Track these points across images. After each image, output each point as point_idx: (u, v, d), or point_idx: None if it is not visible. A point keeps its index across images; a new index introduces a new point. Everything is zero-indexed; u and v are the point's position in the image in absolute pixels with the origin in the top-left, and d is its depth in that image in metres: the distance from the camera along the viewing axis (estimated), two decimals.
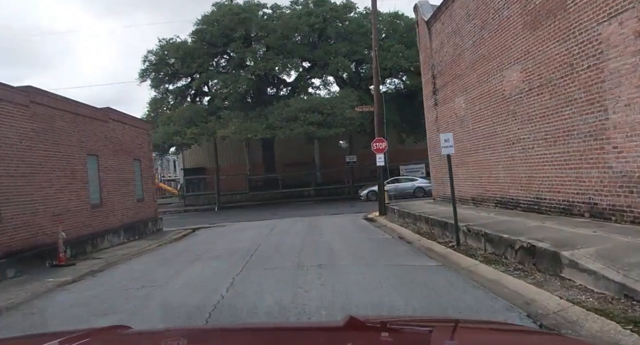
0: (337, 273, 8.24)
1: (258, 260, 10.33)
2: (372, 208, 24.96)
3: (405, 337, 1.98)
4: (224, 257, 11.08)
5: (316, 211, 26.07)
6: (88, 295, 8.43)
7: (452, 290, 6.58)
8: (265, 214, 27.29)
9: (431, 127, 19.00)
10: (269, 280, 8.07)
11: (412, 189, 30.92)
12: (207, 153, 43.99)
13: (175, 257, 12.45)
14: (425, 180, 31.52)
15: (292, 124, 28.26)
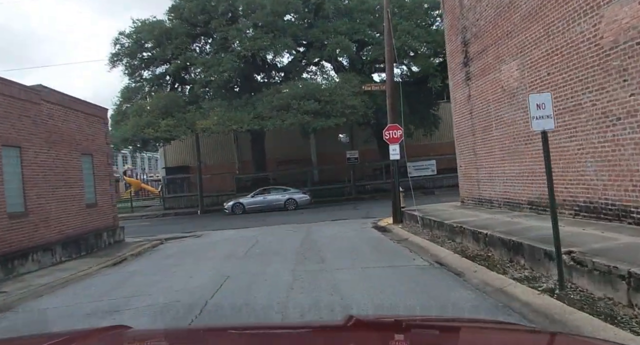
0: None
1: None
2: (380, 211, 20.85)
3: (405, 337, 1.97)
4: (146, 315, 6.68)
5: (313, 216, 21.92)
6: None
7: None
8: (253, 219, 23.12)
9: (460, 109, 14.85)
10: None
11: (282, 202, 27.25)
12: (192, 150, 39.71)
13: (98, 298, 8.27)
14: (299, 191, 28.21)
15: (284, 113, 24.06)
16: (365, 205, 25.49)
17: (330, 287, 7.22)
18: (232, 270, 9.40)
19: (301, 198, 27.43)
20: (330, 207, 26.09)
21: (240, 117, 24.01)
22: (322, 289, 7.18)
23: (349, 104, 24.28)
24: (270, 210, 26.37)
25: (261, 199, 27.13)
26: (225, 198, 32.48)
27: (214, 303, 6.75)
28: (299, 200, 27.23)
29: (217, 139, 39.35)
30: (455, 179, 32.25)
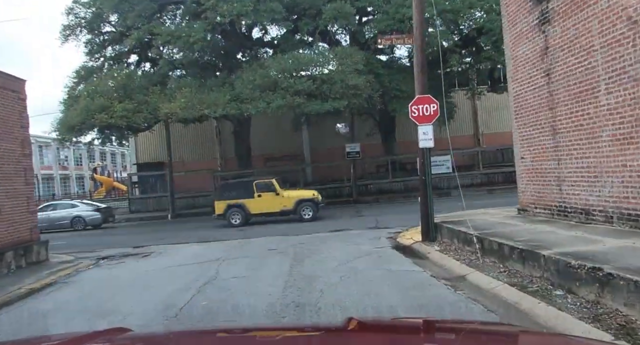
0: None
1: None
2: (392, 219, 16.05)
3: (405, 339, 1.97)
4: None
5: (305, 225, 17.04)
6: None
7: None
8: (229, 228, 18.21)
9: (526, 71, 9.93)
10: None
11: (69, 220, 22.90)
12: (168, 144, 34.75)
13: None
14: (88, 207, 24.04)
15: (270, 94, 19.12)
16: (370, 210, 20.60)
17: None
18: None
19: (91, 216, 23.10)
20: (328, 212, 21.20)
21: (213, 100, 19.07)
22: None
23: (350, 84, 19.38)
24: (55, 229, 21.63)
25: (45, 217, 21.07)
26: (203, 199, 27.52)
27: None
28: (87, 219, 22.92)
29: (197, 131, 34.45)
30: (473, 178, 27.47)
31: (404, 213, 18.08)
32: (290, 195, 18.71)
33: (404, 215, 17.34)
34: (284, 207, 18.22)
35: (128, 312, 6.64)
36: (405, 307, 5.90)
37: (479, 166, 26.62)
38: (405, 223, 15.15)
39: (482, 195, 23.23)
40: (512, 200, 19.31)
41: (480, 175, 26.06)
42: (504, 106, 36.10)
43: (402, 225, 14.68)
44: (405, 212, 18.29)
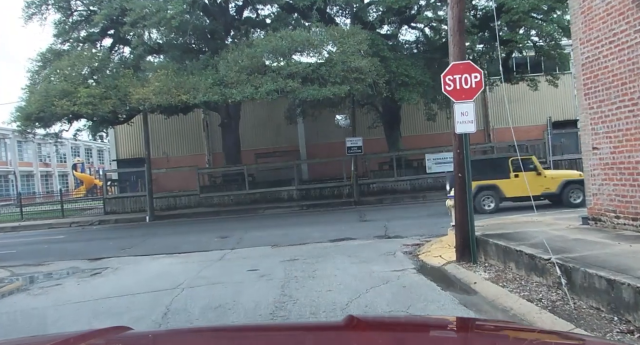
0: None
1: None
2: (404, 226, 13.36)
3: (405, 337, 1.97)
4: None
5: (301, 231, 14.25)
6: None
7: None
8: (212, 233, 15.41)
9: (609, 23, 7.10)
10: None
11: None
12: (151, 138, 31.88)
13: None
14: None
15: (259, 77, 16.30)
16: (374, 213, 17.82)
17: None
18: None
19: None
20: (325, 216, 18.44)
21: (193, 84, 16.23)
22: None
23: (352, 66, 16.58)
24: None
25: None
26: (186, 200, 24.72)
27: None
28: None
29: (182, 125, 31.65)
30: None
31: (415, 217, 15.34)
32: (555, 175, 15.68)
33: (416, 221, 14.60)
34: (546, 190, 15.08)
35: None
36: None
37: None
38: (420, 231, 12.44)
39: None
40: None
41: None
42: (516, 98, 33.40)
43: (417, 234, 11.94)
44: (417, 217, 15.53)
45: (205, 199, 24.14)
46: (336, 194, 23.55)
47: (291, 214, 20.16)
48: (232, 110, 24.60)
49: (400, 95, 19.35)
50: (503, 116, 32.10)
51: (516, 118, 32.10)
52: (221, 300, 6.54)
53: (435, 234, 11.90)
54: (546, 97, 32.02)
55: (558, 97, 31.99)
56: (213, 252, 11.93)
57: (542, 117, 32.05)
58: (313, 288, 6.94)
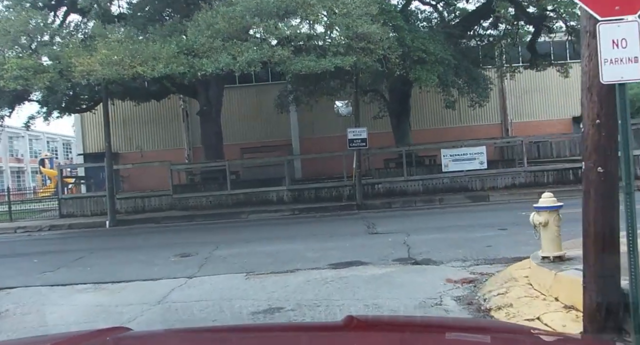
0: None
1: None
2: (432, 242, 9.63)
3: (405, 337, 1.96)
4: None
5: (290, 248, 10.43)
6: None
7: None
8: (173, 247, 11.58)
9: None
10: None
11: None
12: (122, 129, 28.08)
13: None
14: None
15: (237, 44, 12.46)
16: (384, 221, 14.02)
17: None
18: None
19: None
20: (323, 224, 14.67)
21: (152, 52, 12.39)
22: None
23: (360, 32, 12.79)
24: None
25: None
26: (156, 201, 20.85)
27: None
28: None
29: (159, 114, 27.81)
30: (515, 177, 20.73)
31: (441, 229, 11.56)
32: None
33: (445, 234, 10.82)
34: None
35: None
36: None
37: (521, 161, 20.16)
38: (459, 252, 8.76)
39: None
40: None
41: (524, 174, 19.61)
42: (537, 88, 29.72)
43: (458, 259, 8.27)
44: (443, 228, 11.70)
45: (179, 201, 20.29)
46: (335, 195, 19.76)
47: (280, 221, 16.36)
48: (212, 95, 20.80)
49: (417, 75, 15.59)
50: (523, 109, 28.48)
51: (538, 111, 28.54)
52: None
53: (485, 258, 8.21)
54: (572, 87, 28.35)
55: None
56: (161, 282, 8.16)
57: (567, 111, 28.46)
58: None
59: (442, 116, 27.75)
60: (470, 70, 18.54)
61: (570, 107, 28.46)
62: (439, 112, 27.64)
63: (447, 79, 16.85)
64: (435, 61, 15.83)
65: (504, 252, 8.62)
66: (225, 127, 24.70)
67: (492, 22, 20.79)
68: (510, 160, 21.87)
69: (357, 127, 18.02)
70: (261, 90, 27.46)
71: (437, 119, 27.84)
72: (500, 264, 7.79)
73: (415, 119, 25.10)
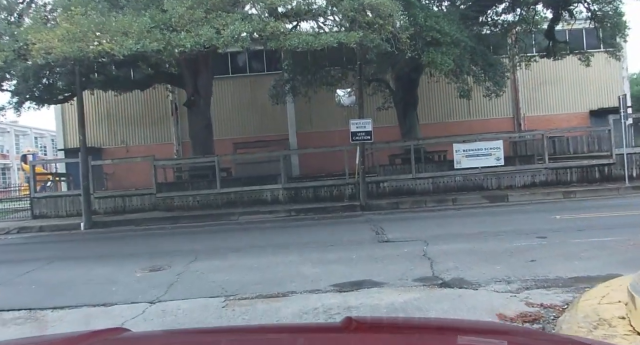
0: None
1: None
2: (454, 252, 7.66)
3: (404, 339, 1.95)
4: None
5: (284, 260, 8.50)
6: None
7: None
8: (144, 258, 9.67)
9: None
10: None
11: None
12: (106, 123, 26.16)
13: None
14: None
15: (223, 16, 10.50)
16: (394, 225, 12.10)
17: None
18: None
19: None
20: (323, 229, 12.71)
21: (121, 26, 10.43)
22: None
23: (367, 3, 10.86)
24: None
25: None
26: (138, 200, 18.91)
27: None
28: None
29: (146, 108, 25.87)
30: (535, 175, 18.40)
31: (465, 237, 9.64)
32: None
33: (472, 243, 8.91)
34: None
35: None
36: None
37: (541, 157, 18.28)
38: (498, 269, 6.92)
39: (562, 202, 14.94)
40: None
41: (545, 171, 17.72)
42: (552, 80, 27.75)
43: (501, 279, 6.41)
44: (467, 235, 9.72)
45: (163, 201, 18.35)
46: (335, 195, 17.85)
47: (274, 223, 14.44)
48: (200, 84, 18.86)
49: (430, 58, 13.65)
50: (536, 102, 26.57)
51: (553, 104, 26.63)
52: None
53: (534, 278, 6.41)
54: (588, 79, 26.48)
55: (602, 79, 26.40)
56: (113, 310, 6.27)
57: (584, 104, 26.58)
58: None
59: (450, 109, 25.89)
60: (487, 55, 16.60)
61: (587, 100, 26.61)
62: (446, 105, 25.79)
63: (463, 64, 14.91)
64: (450, 43, 13.91)
65: (556, 269, 6.74)
66: (217, 121, 22.85)
67: (508, 6, 18.86)
68: (528, 157, 19.96)
69: (361, 118, 16.09)
70: (255, 81, 25.53)
71: (445, 113, 25.94)
72: (558, 288, 5.91)
73: (421, 113, 23.20)
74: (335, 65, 20.59)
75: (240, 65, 26.33)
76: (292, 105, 23.72)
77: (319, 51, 20.51)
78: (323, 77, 20.35)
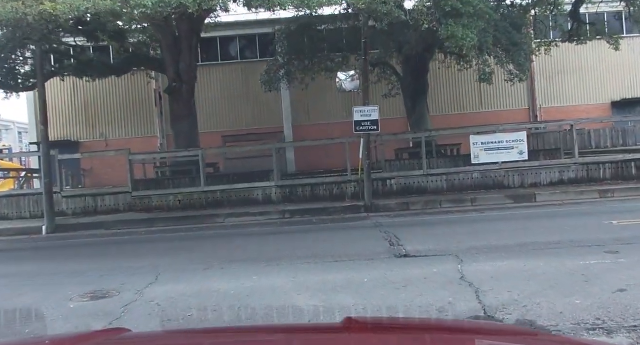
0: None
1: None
2: (495, 270, 5.29)
3: (404, 339, 1.91)
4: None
5: (273, 284, 6.32)
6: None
7: None
8: (90, 277, 7.48)
9: None
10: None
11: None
12: (84, 115, 23.93)
13: None
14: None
15: None
16: (408, 232, 9.87)
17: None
18: None
19: None
20: (322, 235, 10.45)
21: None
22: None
23: None
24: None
25: None
26: (111, 200, 16.66)
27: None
28: None
29: (128, 98, 23.62)
30: (563, 171, 15.13)
31: (504, 248, 7.43)
32: None
33: (522, 260, 6.61)
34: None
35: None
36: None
37: (570, 151, 16.13)
38: (583, 304, 4.62)
39: (602, 203, 12.79)
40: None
41: (574, 167, 15.55)
42: (571, 69, 25.57)
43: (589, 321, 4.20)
44: (507, 246, 7.35)
45: (140, 200, 16.11)
46: (336, 194, 15.66)
47: (264, 228, 12.23)
48: (183, 68, 16.63)
49: (450, 31, 11.42)
50: (554, 92, 24.41)
51: (572, 95, 24.49)
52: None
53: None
54: (610, 68, 24.32)
55: (626, 68, 24.22)
56: None
57: (605, 94, 24.41)
58: None
59: (460, 100, 23.75)
60: (511, 33, 14.38)
61: (609, 90, 24.45)
62: (455, 95, 23.65)
63: (486, 41, 12.69)
64: (473, 14, 11.70)
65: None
66: (205, 113, 20.69)
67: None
68: (553, 151, 17.76)
69: (367, 106, 13.87)
70: (247, 68, 23.27)
71: (453, 104, 23.78)
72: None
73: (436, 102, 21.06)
74: (336, 50, 18.42)
75: (230, 51, 24.12)
76: (287, 95, 21.52)
77: (317, 32, 18.49)
78: (322, 62, 18.14)
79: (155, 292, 6.28)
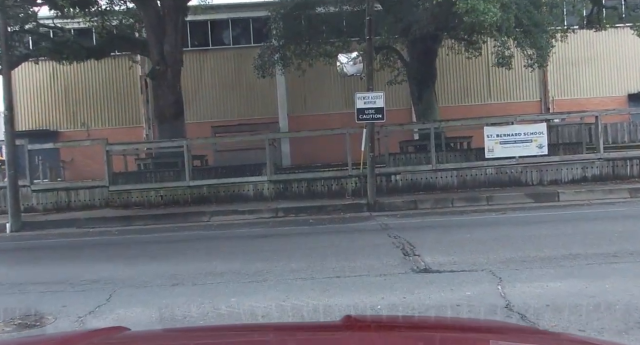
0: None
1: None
2: (546, 292, 3.58)
3: (403, 337, 1.86)
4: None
5: (259, 310, 4.83)
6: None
7: None
8: (45, 290, 5.97)
9: None
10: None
11: None
12: (65, 102, 22.32)
13: None
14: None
15: None
16: (424, 237, 8.35)
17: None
18: None
19: None
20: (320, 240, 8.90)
21: None
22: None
23: None
24: None
25: None
26: (86, 194, 15.10)
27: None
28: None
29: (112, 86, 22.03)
30: (586, 167, 13.33)
31: (549, 260, 5.86)
32: None
33: (582, 280, 5.03)
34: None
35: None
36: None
37: (593, 146, 14.68)
38: None
39: (632, 204, 11.33)
40: None
41: (599, 163, 14.09)
42: (585, 59, 24.05)
43: None
44: (552, 257, 5.77)
45: (118, 195, 14.55)
46: (335, 190, 14.14)
47: (254, 229, 10.70)
48: (168, 50, 15.06)
49: (470, 4, 9.89)
50: (567, 84, 22.94)
51: (586, 86, 23.02)
52: None
53: None
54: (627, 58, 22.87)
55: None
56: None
57: (621, 86, 22.98)
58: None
59: (467, 90, 22.29)
60: (532, 13, 12.84)
61: (625, 81, 23.01)
62: (462, 85, 22.18)
63: (509, 18, 11.14)
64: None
65: None
66: (194, 101, 19.18)
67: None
68: (573, 145, 16.29)
69: (370, 92, 12.32)
70: (240, 54, 21.68)
71: (462, 95, 22.29)
72: None
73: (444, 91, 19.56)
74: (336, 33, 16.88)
75: (222, 36, 22.54)
76: (282, 82, 19.97)
77: (315, 14, 16.93)
78: (320, 46, 16.60)
79: (100, 319, 4.76)
